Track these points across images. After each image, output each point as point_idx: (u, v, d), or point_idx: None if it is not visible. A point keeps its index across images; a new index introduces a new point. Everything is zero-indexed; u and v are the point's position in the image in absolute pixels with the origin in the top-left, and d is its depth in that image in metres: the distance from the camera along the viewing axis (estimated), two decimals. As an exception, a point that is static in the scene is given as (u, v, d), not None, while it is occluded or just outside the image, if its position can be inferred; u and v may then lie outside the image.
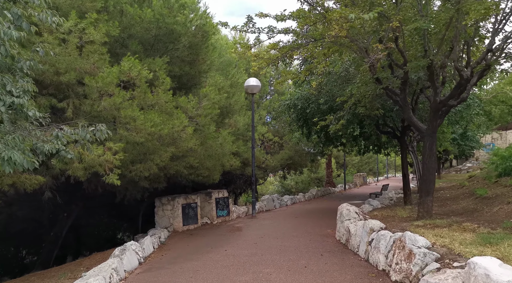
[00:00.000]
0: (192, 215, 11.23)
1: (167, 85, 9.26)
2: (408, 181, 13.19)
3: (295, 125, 15.08)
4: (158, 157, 9.19)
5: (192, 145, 9.77)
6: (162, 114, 9.26)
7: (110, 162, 7.81)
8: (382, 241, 6.17)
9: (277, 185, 37.91)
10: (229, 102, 12.96)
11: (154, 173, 9.58)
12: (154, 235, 8.99)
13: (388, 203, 13.92)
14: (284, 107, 13.71)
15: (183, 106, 10.12)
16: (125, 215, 18.62)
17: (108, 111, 8.38)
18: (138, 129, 8.39)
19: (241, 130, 16.37)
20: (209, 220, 12.20)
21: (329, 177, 29.79)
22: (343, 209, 9.00)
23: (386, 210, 10.84)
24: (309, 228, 10.80)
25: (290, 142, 22.43)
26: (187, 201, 11.11)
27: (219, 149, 11.34)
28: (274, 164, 21.05)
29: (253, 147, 14.01)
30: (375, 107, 11.28)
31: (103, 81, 8.17)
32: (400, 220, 8.34)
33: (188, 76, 12.46)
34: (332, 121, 11.37)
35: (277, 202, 16.61)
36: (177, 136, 9.54)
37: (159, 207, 10.82)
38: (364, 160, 46.89)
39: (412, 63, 7.44)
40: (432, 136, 7.97)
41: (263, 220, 12.71)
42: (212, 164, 11.35)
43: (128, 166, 9.03)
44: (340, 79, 11.67)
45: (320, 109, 12.96)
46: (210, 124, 10.93)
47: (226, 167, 13.01)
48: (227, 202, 12.86)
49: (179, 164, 10.14)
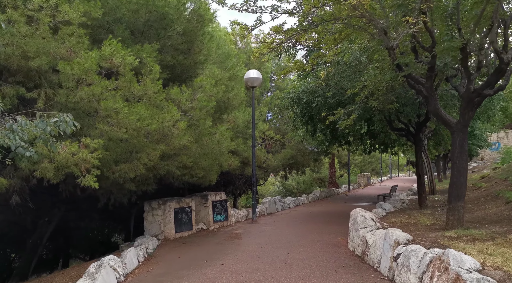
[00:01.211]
0: (186, 221, 10.08)
1: (156, 74, 8.10)
2: (423, 182, 12.05)
3: (299, 121, 13.92)
4: (145, 156, 8.04)
5: (185, 142, 8.62)
6: (150, 107, 8.10)
7: (87, 161, 6.66)
8: (413, 258, 5.02)
9: (277, 185, 36.76)
10: (228, 96, 11.80)
11: (141, 174, 8.42)
12: (140, 246, 7.84)
13: (400, 206, 12.78)
14: (287, 101, 12.54)
15: (175, 99, 8.97)
16: (118, 217, 17.59)
17: (86, 103, 7.22)
18: (121, 123, 7.24)
19: (240, 128, 15.24)
20: (205, 225, 11.05)
21: (332, 177, 28.63)
22: (357, 215, 7.84)
23: (403, 215, 9.68)
24: (317, 235, 9.65)
25: (292, 140, 21.29)
26: (180, 205, 9.96)
27: (216, 146, 10.19)
28: (275, 164, 19.92)
29: (253, 145, 12.86)
30: (389, 100, 10.12)
31: (80, 67, 7.00)
32: (426, 229, 7.19)
33: (182, 67, 11.30)
34: (341, 117, 10.23)
35: (279, 204, 15.46)
36: (167, 132, 8.39)
37: (148, 212, 9.67)
38: (366, 160, 45.77)
39: (441, 45, 6.28)
40: (463, 131, 6.82)
41: (264, 225, 11.56)
42: (208, 163, 10.19)
43: (111, 166, 7.87)
44: (350, 70, 10.51)
45: (327, 104, 11.80)
46: (205, 119, 9.78)
47: (224, 167, 11.86)
48: (225, 206, 11.71)
49: (170, 163, 8.99)
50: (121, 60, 7.56)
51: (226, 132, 10.26)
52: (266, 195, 37.48)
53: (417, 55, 6.90)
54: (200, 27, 10.93)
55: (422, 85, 7.09)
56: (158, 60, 10.08)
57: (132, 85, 7.70)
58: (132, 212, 14.56)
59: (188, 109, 9.16)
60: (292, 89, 12.31)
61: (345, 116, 10.27)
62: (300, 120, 13.82)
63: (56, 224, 14.59)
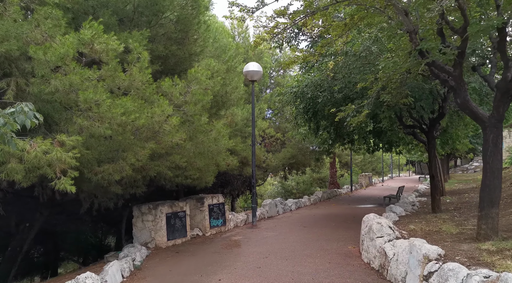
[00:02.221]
0: (180, 227, 9.14)
1: (144, 62, 7.16)
2: (437, 184, 11.15)
3: (302, 119, 13.00)
4: (133, 155, 7.10)
5: (177, 140, 7.69)
6: (138, 100, 7.17)
7: (62, 161, 5.72)
8: (452, 279, 4.11)
9: (276, 185, 35.84)
10: (225, 90, 10.87)
11: (128, 176, 7.48)
12: (126, 258, 6.89)
13: (411, 209, 11.89)
14: (290, 96, 11.60)
15: (167, 92, 8.04)
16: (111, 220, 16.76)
17: (63, 94, 6.27)
18: (103, 117, 6.30)
19: (239, 126, 14.31)
20: (201, 231, 10.12)
21: (333, 177, 27.71)
22: (373, 222, 6.93)
23: (420, 221, 8.79)
24: (324, 242, 8.74)
25: (293, 139, 20.37)
26: (173, 209, 9.02)
27: (213, 145, 9.25)
28: (275, 163, 19.00)
29: (253, 143, 11.94)
30: (403, 94, 9.22)
31: (55, 53, 6.06)
32: (453, 240, 6.28)
33: (176, 58, 10.36)
34: (350, 113, 9.30)
35: (280, 207, 14.54)
36: (158, 128, 7.45)
37: (138, 217, 8.73)
38: (367, 159, 44.87)
39: (475, 25, 5.36)
40: (497, 127, 5.92)
41: (265, 231, 10.64)
42: (204, 163, 9.26)
43: (93, 166, 6.93)
44: (359, 61, 9.59)
45: (333, 99, 10.89)
46: (201, 115, 8.85)
47: (221, 167, 10.93)
48: (222, 209, 10.79)
49: (161, 163, 8.06)
50: (103, 46, 6.62)
51: (224, 129, 9.33)
52: (264, 195, 36.54)
53: (444, 39, 5.99)
54: (195, 15, 9.99)
55: (449, 74, 6.19)
56: (149, 49, 9.16)
57: (117, 75, 6.76)
58: (124, 214, 13.64)
59: (181, 103, 8.23)
60: (295, 83, 11.38)
61: (354, 112, 9.37)
62: (303, 117, 12.91)
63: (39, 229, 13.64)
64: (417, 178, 43.30)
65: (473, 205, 11.62)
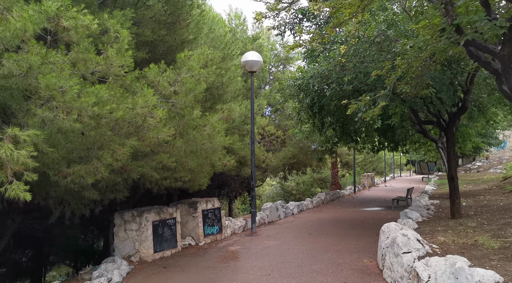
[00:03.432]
0: (169, 236, 7.98)
1: (123, 43, 5.99)
2: (457, 186, 10.02)
3: (305, 114, 11.84)
4: (109, 154, 5.94)
5: (165, 136, 6.52)
6: (116, 89, 6.02)
7: (15, 161, 4.56)
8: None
9: (275, 186, 34.70)
10: (221, 81, 9.72)
11: (105, 178, 6.32)
12: (100, 278, 5.73)
13: (427, 214, 10.76)
14: (293, 89, 10.45)
15: (153, 80, 6.88)
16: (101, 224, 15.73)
17: (20, 79, 5.11)
18: (69, 108, 5.13)
19: (236, 122, 13.15)
20: (194, 240, 8.97)
21: (335, 177, 26.57)
22: (397, 235, 5.79)
23: (444, 229, 7.67)
24: (334, 254, 7.61)
25: (294, 137, 19.24)
26: (161, 216, 7.86)
27: (207, 142, 8.10)
28: (275, 163, 17.86)
29: (252, 141, 10.80)
30: (424, 84, 8.10)
31: (9, 28, 4.91)
32: (499, 257, 5.13)
33: (166, 45, 9.21)
34: (362, 107, 8.17)
35: (282, 210, 13.40)
36: (140, 122, 6.30)
37: (120, 226, 7.57)
38: (367, 159, 43.82)
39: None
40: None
41: (267, 239, 9.49)
42: (197, 163, 8.11)
43: (61, 167, 5.77)
44: (374, 47, 8.45)
45: (341, 92, 9.75)
46: (193, 107, 7.71)
47: (217, 167, 9.76)
48: (218, 215, 9.63)
49: (146, 164, 6.89)
50: (73, 22, 5.47)
51: (219, 124, 8.18)
52: (263, 196, 35.38)
53: (490, 11, 4.86)
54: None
55: (494, 55, 5.06)
56: (134, 33, 8.02)
57: (89, 57, 5.60)
58: (111, 219, 12.52)
59: (169, 94, 7.07)
60: (300, 75, 10.22)
61: (366, 107, 8.23)
62: (306, 113, 11.76)
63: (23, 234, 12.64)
64: (420, 178, 42.27)
65: (495, 209, 10.52)
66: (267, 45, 22.47)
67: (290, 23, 10.60)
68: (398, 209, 15.38)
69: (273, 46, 23.36)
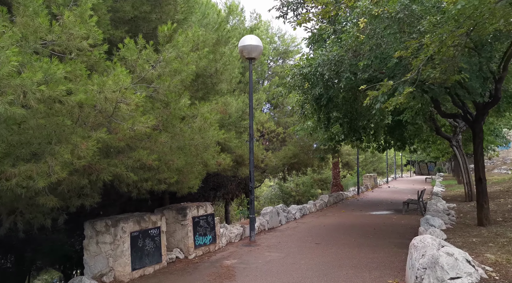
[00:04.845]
0: (151, 249, 6.66)
1: (86, 6, 4.66)
2: (485, 188, 8.74)
3: (311, 108, 10.53)
4: (68, 149, 4.60)
5: (142, 127, 5.19)
6: (76, 65, 4.69)
7: None
8: None
9: (274, 187, 33.39)
10: (215, 68, 8.40)
11: (66, 181, 4.99)
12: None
13: (449, 220, 9.49)
14: (298, 78, 9.12)
15: (129, 59, 5.56)
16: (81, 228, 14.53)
17: None
18: (3, 87, 3.81)
19: (233, 118, 11.89)
20: (183, 253, 7.64)
21: (337, 178, 25.27)
22: (438, 253, 4.49)
23: (483, 242, 6.39)
24: (351, 271, 6.31)
25: (294, 135, 17.94)
26: (141, 225, 6.53)
27: (197, 137, 6.78)
28: (275, 163, 16.53)
29: (251, 138, 9.49)
30: (456, 68, 6.82)
31: None
32: None
33: (150, 25, 7.91)
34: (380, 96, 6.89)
35: (283, 215, 12.10)
36: (111, 110, 4.97)
37: (91, 238, 6.24)
38: (368, 159, 42.59)
39: None
40: None
41: (268, 250, 8.18)
42: (186, 162, 6.79)
43: (3, 167, 4.43)
44: (395, 26, 7.14)
45: (353, 82, 8.44)
46: (180, 94, 6.39)
47: (210, 167, 8.43)
48: (211, 222, 8.31)
49: (120, 162, 5.56)
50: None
51: (212, 115, 6.86)
52: (260, 198, 34.03)
53: None
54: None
55: None
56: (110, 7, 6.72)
57: (37, 23, 4.28)
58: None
59: (150, 77, 5.74)
60: (306, 62, 8.90)
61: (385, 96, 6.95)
62: (311, 106, 10.44)
63: None
64: (422, 179, 41.11)
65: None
66: (266, 38, 21.17)
67: (293, 3, 9.28)
68: (409, 212, 14.13)
69: (272, 39, 22.09)
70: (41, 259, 17.82)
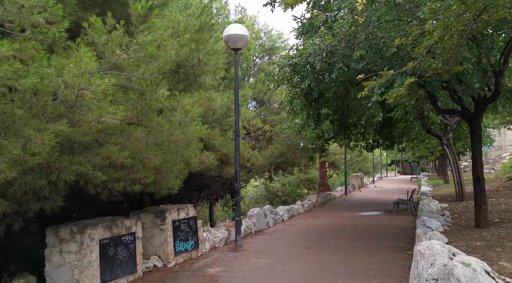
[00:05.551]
0: (124, 258, 5.93)
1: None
2: (483, 188, 8.29)
3: (300, 103, 9.91)
4: (16, 144, 3.85)
5: (111, 119, 4.47)
6: (27, 43, 3.96)
7: None
8: None
9: (259, 187, 32.78)
10: (197, 58, 7.70)
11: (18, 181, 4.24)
12: None
13: (444, 221, 9.01)
14: (288, 70, 8.48)
15: (97, 42, 4.83)
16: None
17: None
18: None
19: (218, 115, 11.17)
20: (161, 260, 6.92)
21: (323, 178, 24.79)
22: (453, 263, 3.93)
23: (488, 246, 5.89)
24: (347, 280, 5.73)
25: (281, 133, 17.35)
26: (113, 231, 5.79)
27: (178, 132, 6.09)
28: (261, 162, 15.88)
29: (237, 134, 8.84)
30: (459, 58, 6.30)
31: None
32: None
33: (125, 9, 7.14)
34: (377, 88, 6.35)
35: (270, 217, 11.47)
36: (73, 98, 4.25)
37: (53, 247, 5.48)
38: (354, 159, 42.41)
39: None
40: None
41: (255, 256, 7.53)
42: (164, 160, 6.08)
43: None
44: (393, 13, 6.58)
45: (347, 74, 7.87)
46: (157, 84, 5.68)
47: (193, 166, 7.71)
48: (194, 226, 7.62)
49: (86, 160, 4.83)
50: None
51: (194, 108, 6.16)
52: (246, 198, 33.35)
53: None
54: None
55: None
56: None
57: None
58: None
59: (122, 63, 5.02)
60: (296, 53, 8.28)
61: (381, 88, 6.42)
62: (301, 101, 9.83)
63: None
64: (407, 178, 41.14)
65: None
66: (251, 34, 20.51)
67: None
68: (400, 213, 13.69)
69: (258, 35, 21.41)
70: (14, 264, 16.79)
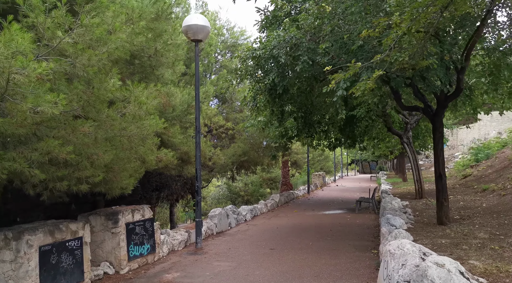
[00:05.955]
0: (69, 266, 5.32)
1: None
2: (445, 185, 8.34)
3: (264, 100, 9.57)
4: None
5: (49, 109, 3.89)
6: None
7: None
8: None
9: (222, 187, 32.26)
10: (154, 47, 7.15)
11: None
12: None
13: (407, 219, 9.02)
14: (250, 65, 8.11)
15: (34, 21, 4.22)
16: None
17: None
18: None
19: (177, 112, 10.63)
20: (113, 267, 6.34)
21: (286, 177, 24.71)
22: (425, 264, 3.71)
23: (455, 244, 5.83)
24: (313, 282, 5.43)
25: (244, 132, 17.01)
26: (55, 237, 5.17)
27: (131, 126, 5.55)
28: (224, 161, 15.42)
29: (198, 130, 8.38)
30: (425, 53, 6.21)
31: None
32: None
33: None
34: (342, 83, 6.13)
35: (233, 217, 11.07)
36: (3, 83, 3.64)
37: (-17, 256, 4.80)
38: (315, 158, 42.86)
39: None
40: None
41: (216, 259, 7.10)
42: (116, 157, 5.52)
43: None
44: (359, 5, 6.38)
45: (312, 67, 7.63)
46: (107, 73, 5.12)
47: (149, 164, 7.17)
48: (150, 229, 7.07)
49: (20, 155, 4.21)
50: None
51: (149, 99, 5.65)
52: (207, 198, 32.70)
53: None
54: None
55: None
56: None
57: None
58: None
59: (65, 47, 4.43)
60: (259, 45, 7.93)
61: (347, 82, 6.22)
62: (265, 98, 9.51)
63: None
64: (367, 177, 42.12)
65: (482, 212, 9.08)
66: (213, 30, 20.00)
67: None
68: (362, 211, 13.74)
69: (220, 31, 20.93)
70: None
